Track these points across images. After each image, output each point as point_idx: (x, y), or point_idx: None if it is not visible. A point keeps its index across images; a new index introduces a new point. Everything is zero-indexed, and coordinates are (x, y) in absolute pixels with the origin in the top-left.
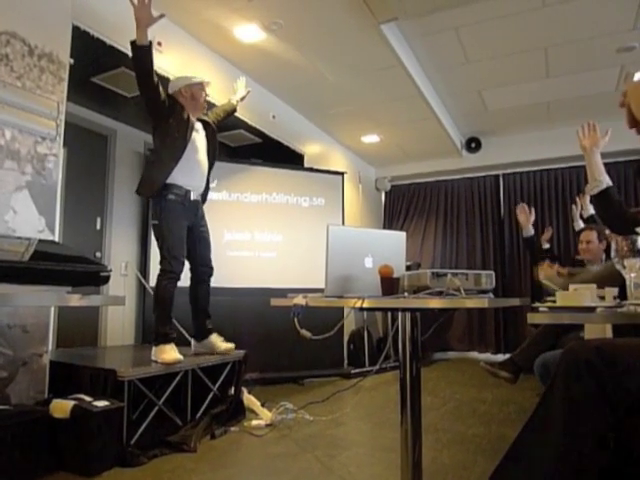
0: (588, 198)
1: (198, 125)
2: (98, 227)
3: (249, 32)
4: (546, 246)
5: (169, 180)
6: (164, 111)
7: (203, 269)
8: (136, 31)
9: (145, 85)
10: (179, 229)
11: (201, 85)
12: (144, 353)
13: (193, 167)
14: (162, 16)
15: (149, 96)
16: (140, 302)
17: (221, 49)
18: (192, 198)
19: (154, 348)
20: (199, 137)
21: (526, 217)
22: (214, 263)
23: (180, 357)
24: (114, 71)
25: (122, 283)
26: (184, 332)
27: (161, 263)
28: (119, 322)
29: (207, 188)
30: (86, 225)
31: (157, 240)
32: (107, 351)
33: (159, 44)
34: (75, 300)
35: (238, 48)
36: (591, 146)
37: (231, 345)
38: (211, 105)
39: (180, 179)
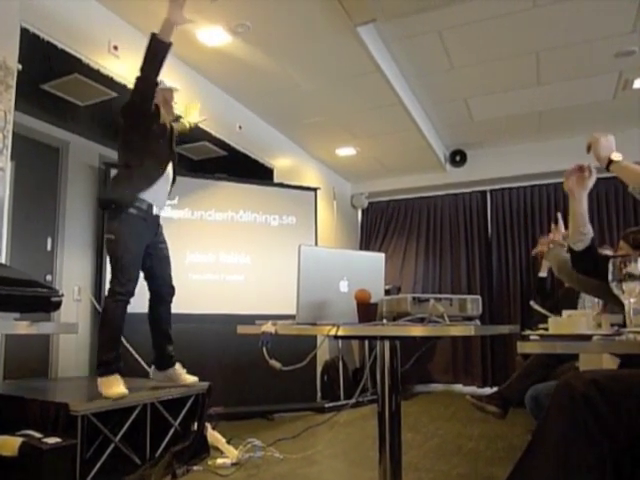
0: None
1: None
2: (49, 248)
3: (213, 35)
4: (542, 274)
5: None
6: (149, 116)
7: (165, 289)
8: (164, 25)
9: (150, 86)
10: (137, 247)
11: (171, 90)
12: None
13: (160, 181)
14: (191, 21)
15: (145, 99)
16: (95, 330)
17: (183, 53)
18: (154, 213)
19: (98, 379)
20: (170, 153)
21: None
22: (175, 286)
23: (125, 391)
24: (66, 78)
25: (75, 309)
26: (141, 361)
27: (111, 282)
28: (72, 352)
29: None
30: (36, 246)
31: (110, 257)
32: (59, 383)
33: (115, 48)
34: (24, 327)
35: (201, 52)
36: (580, 189)
37: (195, 378)
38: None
39: (144, 193)
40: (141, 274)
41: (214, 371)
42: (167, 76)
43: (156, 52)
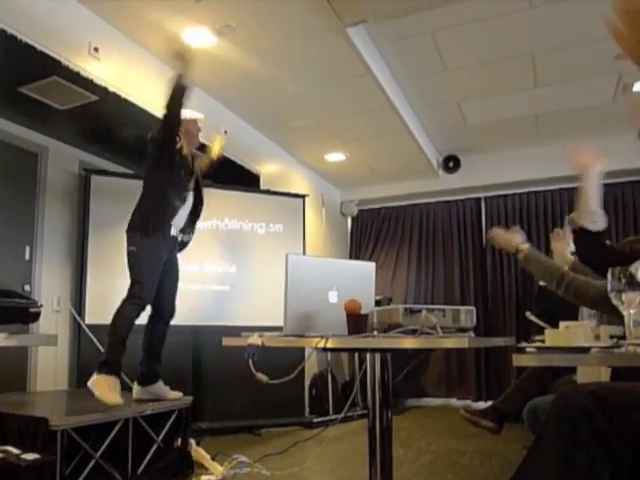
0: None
1: (188, 171)
2: (27, 257)
3: (198, 36)
4: (542, 283)
5: None
6: (172, 148)
7: (166, 308)
8: (182, 70)
9: (177, 121)
10: (157, 260)
11: (194, 120)
12: (79, 399)
13: (178, 206)
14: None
15: (172, 132)
16: (75, 342)
17: (166, 55)
18: (172, 234)
19: (95, 376)
20: (190, 182)
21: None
22: None
23: (120, 401)
24: (45, 80)
25: (54, 320)
26: (124, 376)
27: (131, 289)
28: (51, 364)
29: (191, 230)
30: (13, 255)
31: (131, 268)
32: (37, 397)
33: (96, 50)
34: (1, 339)
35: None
36: (593, 165)
37: (179, 394)
38: (149, 118)
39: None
40: None
41: (198, 385)
42: (150, 79)
43: (183, 96)
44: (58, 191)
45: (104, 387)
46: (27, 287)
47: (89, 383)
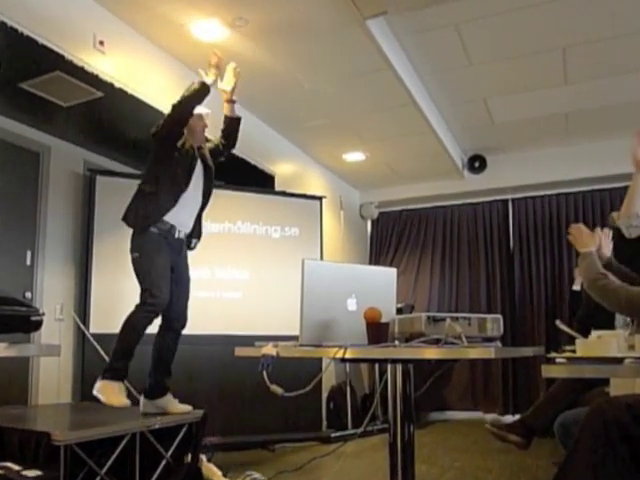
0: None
1: (196, 163)
2: (28, 262)
3: (209, 29)
4: (576, 287)
5: None
6: (174, 142)
7: (176, 318)
8: (213, 80)
9: (187, 114)
10: (163, 261)
11: (200, 116)
12: (84, 413)
13: (185, 204)
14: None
15: (179, 124)
16: (79, 352)
17: (176, 49)
18: (176, 236)
19: (99, 382)
20: (197, 171)
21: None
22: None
23: (127, 402)
24: (47, 76)
25: (57, 329)
26: (131, 388)
27: (142, 295)
28: (53, 376)
29: (199, 232)
30: (14, 260)
31: (137, 275)
32: (39, 410)
33: (101, 43)
34: (0, 350)
35: (196, 48)
36: None
37: (188, 407)
38: (158, 115)
39: (168, 215)
40: None
41: (210, 398)
42: (158, 74)
43: (200, 97)
44: (61, 193)
45: (109, 391)
46: (28, 294)
47: (94, 391)
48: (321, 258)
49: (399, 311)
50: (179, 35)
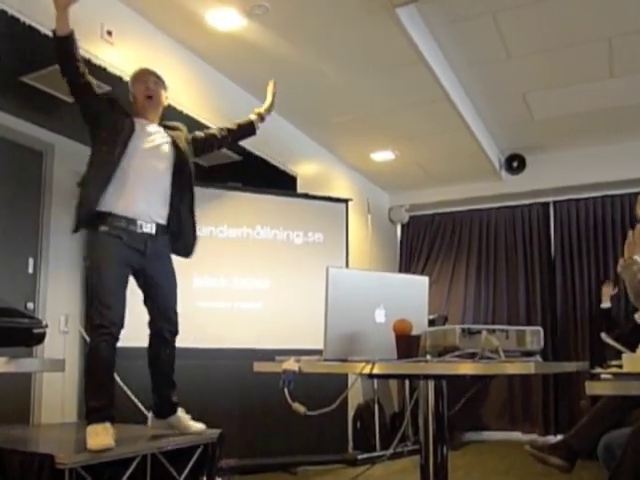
0: None
1: (157, 135)
2: (30, 270)
3: (225, 18)
4: (605, 305)
5: (102, 207)
6: (97, 117)
7: (161, 325)
8: (56, 15)
9: (73, 84)
10: (112, 268)
11: (141, 77)
12: None
13: (140, 188)
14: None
15: (80, 97)
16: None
17: (189, 40)
18: (138, 230)
19: (87, 429)
20: (156, 149)
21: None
22: (179, 316)
23: (110, 442)
24: (51, 68)
25: (62, 342)
26: (140, 405)
27: (90, 316)
28: (57, 393)
29: (192, 229)
30: (14, 267)
31: (87, 286)
32: (42, 431)
33: (109, 33)
34: (0, 365)
35: (211, 38)
36: None
37: (202, 426)
38: (170, 110)
39: (118, 205)
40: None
41: (226, 416)
42: (170, 66)
43: (59, 50)
44: (66, 194)
45: (92, 436)
46: (30, 304)
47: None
48: (347, 266)
49: (431, 323)
50: (193, 24)
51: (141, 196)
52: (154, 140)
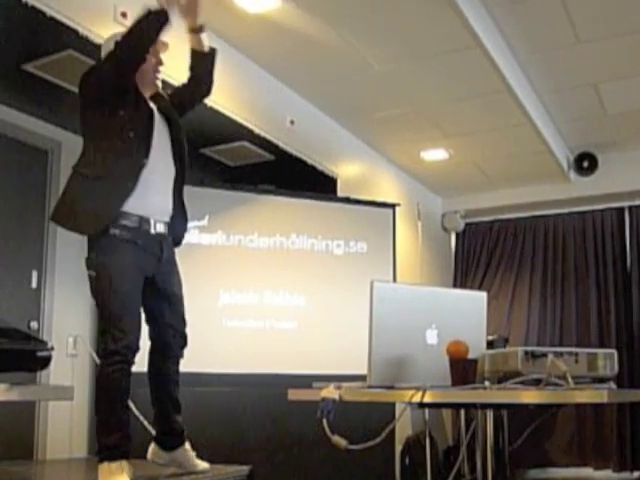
0: None
1: (157, 113)
2: (34, 285)
3: None
4: None
5: None
6: (120, 96)
7: (172, 337)
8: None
9: (135, 62)
10: (131, 283)
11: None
12: None
13: (152, 180)
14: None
15: (123, 80)
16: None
17: (214, 22)
18: (152, 231)
19: (99, 467)
20: (161, 130)
21: None
22: (203, 336)
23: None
24: (57, 55)
25: (69, 367)
26: (149, 426)
27: (101, 339)
28: (65, 424)
29: (182, 218)
30: (16, 282)
31: (95, 302)
32: (47, 468)
33: (123, 15)
34: (1, 392)
35: (240, 22)
36: None
37: (206, 465)
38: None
39: (130, 201)
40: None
41: (257, 451)
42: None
43: (159, 24)
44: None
45: (106, 476)
46: (34, 324)
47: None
48: (394, 280)
49: (490, 345)
50: (218, 4)
51: (154, 189)
52: (157, 121)
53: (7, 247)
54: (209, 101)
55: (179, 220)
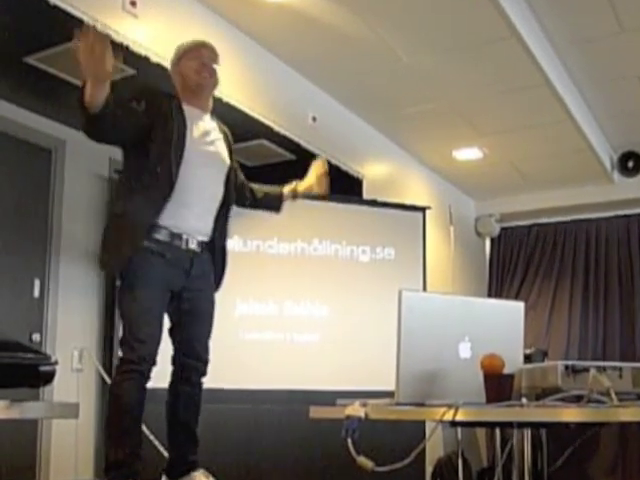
0: None
1: (213, 132)
2: (36, 294)
3: None
4: None
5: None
6: (141, 127)
7: (189, 362)
8: (88, 86)
9: (103, 139)
10: (151, 295)
11: (194, 51)
12: None
13: (189, 197)
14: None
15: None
16: (103, 413)
17: (229, 11)
18: (183, 246)
19: None
20: (212, 150)
21: None
22: (219, 349)
23: None
24: (62, 47)
25: (75, 382)
26: (161, 448)
27: (120, 348)
28: (70, 445)
29: (223, 236)
30: (17, 291)
31: (120, 312)
32: None
33: (132, 4)
34: (0, 410)
35: (259, 11)
36: None
37: None
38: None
39: (162, 214)
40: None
41: (277, 472)
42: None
43: (89, 125)
44: (80, 201)
45: None
46: (36, 336)
47: None
48: (424, 289)
49: (528, 359)
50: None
51: (190, 208)
52: (209, 137)
53: (7, 254)
54: (225, 96)
55: (219, 259)
